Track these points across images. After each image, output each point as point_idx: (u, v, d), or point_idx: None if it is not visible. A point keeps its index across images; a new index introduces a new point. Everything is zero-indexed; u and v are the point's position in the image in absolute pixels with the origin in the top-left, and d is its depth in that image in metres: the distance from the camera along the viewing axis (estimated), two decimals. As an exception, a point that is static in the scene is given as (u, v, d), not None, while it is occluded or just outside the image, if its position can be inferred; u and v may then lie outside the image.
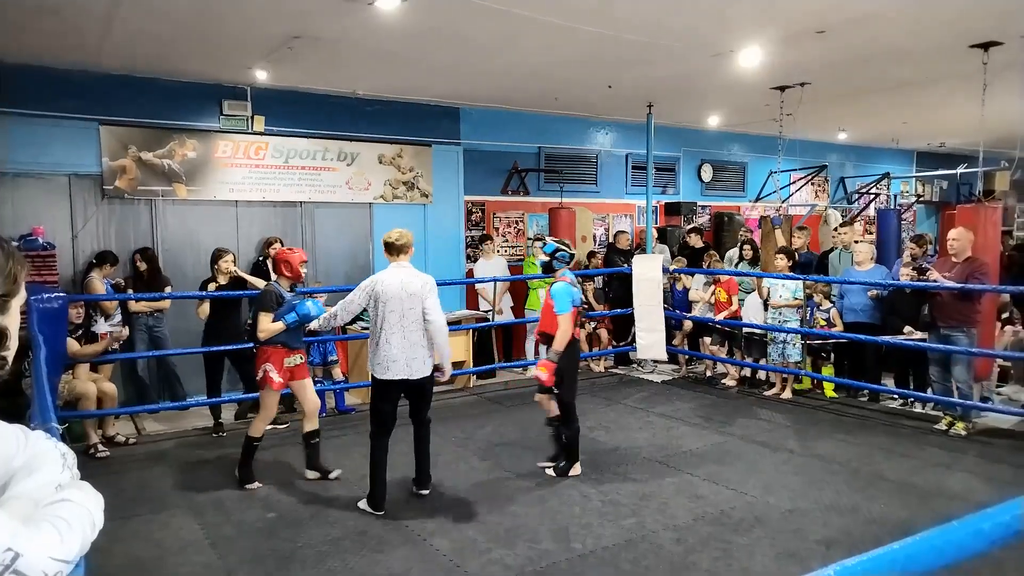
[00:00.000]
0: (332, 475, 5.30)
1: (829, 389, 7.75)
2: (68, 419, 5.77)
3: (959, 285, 6.04)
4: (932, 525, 1.30)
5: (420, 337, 4.64)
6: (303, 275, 5.30)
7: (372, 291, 4.65)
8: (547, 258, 5.38)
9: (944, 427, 6.43)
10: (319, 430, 5.35)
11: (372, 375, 4.70)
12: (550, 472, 5.35)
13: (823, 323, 7.45)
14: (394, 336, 4.57)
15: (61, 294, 5.52)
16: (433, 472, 5.39)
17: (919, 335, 6.63)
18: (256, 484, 5.15)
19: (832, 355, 7.86)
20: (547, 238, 5.69)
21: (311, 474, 5.34)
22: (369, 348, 4.75)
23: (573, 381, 5.37)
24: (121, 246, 7.24)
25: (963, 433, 6.21)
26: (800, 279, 7.50)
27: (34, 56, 6.47)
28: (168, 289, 7.08)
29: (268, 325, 4.97)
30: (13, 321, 1.32)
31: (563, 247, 5.41)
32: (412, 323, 4.60)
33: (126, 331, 6.56)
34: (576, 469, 5.32)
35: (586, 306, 7.04)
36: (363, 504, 4.71)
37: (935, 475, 5.31)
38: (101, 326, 6.64)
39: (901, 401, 7.27)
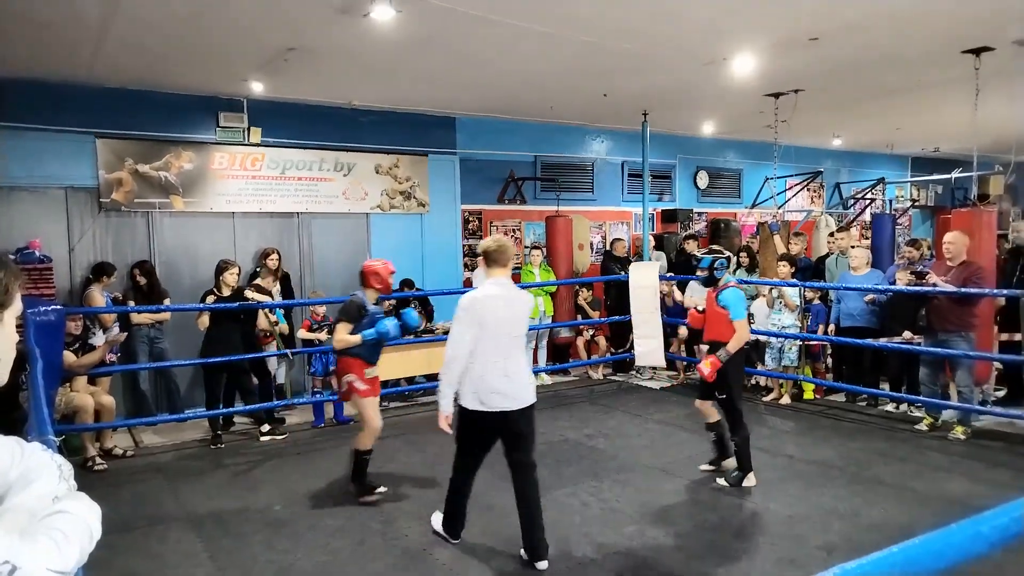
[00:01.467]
0: (377, 491, 5.11)
1: (809, 391, 7.78)
2: (65, 432, 5.75)
3: (960, 289, 6.05)
4: (932, 529, 1.30)
5: (523, 361, 4.10)
6: (391, 286, 5.18)
7: (475, 314, 3.94)
8: (706, 272, 5.24)
9: (925, 427, 6.47)
10: (372, 450, 5.13)
11: (460, 404, 4.04)
12: (721, 480, 5.20)
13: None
14: (494, 365, 3.94)
15: (58, 307, 5.51)
16: (432, 481, 5.39)
17: (914, 338, 6.65)
18: (383, 489, 5.07)
19: (829, 358, 7.87)
20: (697, 252, 5.57)
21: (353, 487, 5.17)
22: (451, 383, 4.07)
23: (740, 387, 5.32)
24: (118, 259, 7.23)
25: (962, 437, 6.21)
26: (799, 285, 7.51)
27: (29, 70, 6.48)
28: (167, 302, 7.08)
29: (345, 336, 4.85)
30: (8, 333, 1.32)
31: (717, 254, 5.29)
32: (516, 348, 4.04)
33: (123, 335, 6.53)
34: (751, 479, 5.11)
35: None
36: (437, 525, 4.38)
37: (934, 479, 5.30)
38: (99, 339, 6.64)
39: (894, 405, 7.27)
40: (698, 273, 5.42)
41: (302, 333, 7.24)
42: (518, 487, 4.07)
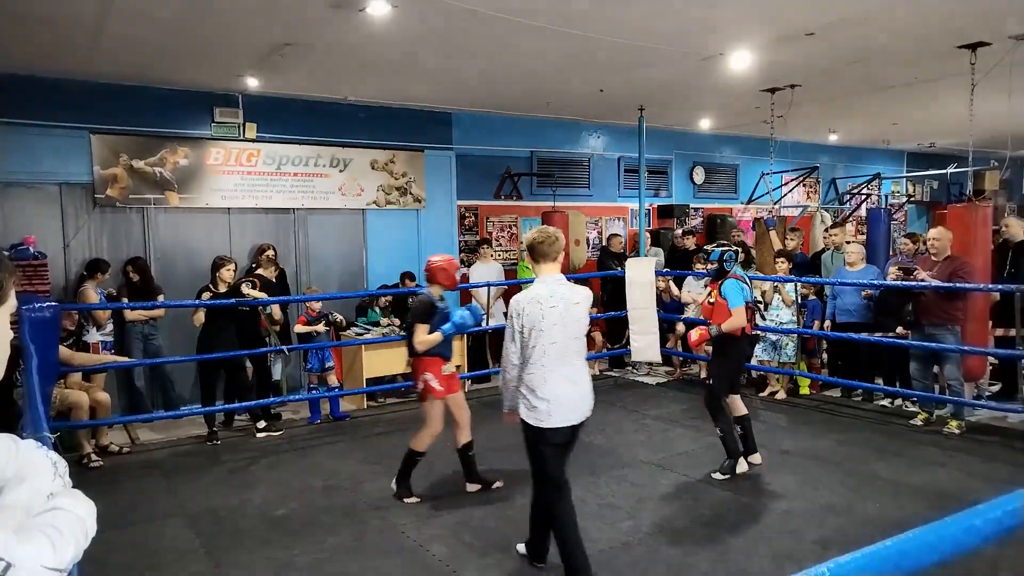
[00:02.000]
0: (495, 485, 5.13)
1: (804, 386, 7.80)
2: (61, 429, 5.74)
3: (948, 284, 6.09)
4: (927, 523, 1.31)
5: (584, 367, 3.73)
6: (458, 281, 5.15)
7: (527, 318, 3.56)
8: (716, 265, 5.33)
9: (920, 422, 6.51)
10: (473, 442, 5.11)
11: (526, 422, 3.64)
12: (717, 474, 5.25)
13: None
14: (554, 373, 3.56)
15: (53, 303, 5.50)
16: (428, 478, 5.40)
17: (906, 333, 6.68)
18: (415, 499, 4.94)
19: (824, 354, 7.90)
20: (708, 246, 5.63)
21: (471, 487, 5.12)
22: (508, 384, 3.71)
23: (727, 378, 5.37)
24: (113, 255, 7.22)
25: (957, 431, 6.24)
26: (795, 281, 7.53)
27: (24, 65, 6.45)
28: (161, 298, 7.07)
29: (426, 336, 4.76)
30: (2, 330, 1.31)
31: (726, 247, 5.36)
32: (576, 353, 3.66)
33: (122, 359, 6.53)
34: (743, 465, 5.25)
35: (760, 303, 6.95)
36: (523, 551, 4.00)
37: (929, 473, 5.32)
38: (92, 335, 6.63)
39: (889, 400, 7.29)
40: (709, 267, 5.45)
41: (299, 327, 7.22)
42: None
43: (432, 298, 4.90)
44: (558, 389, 3.56)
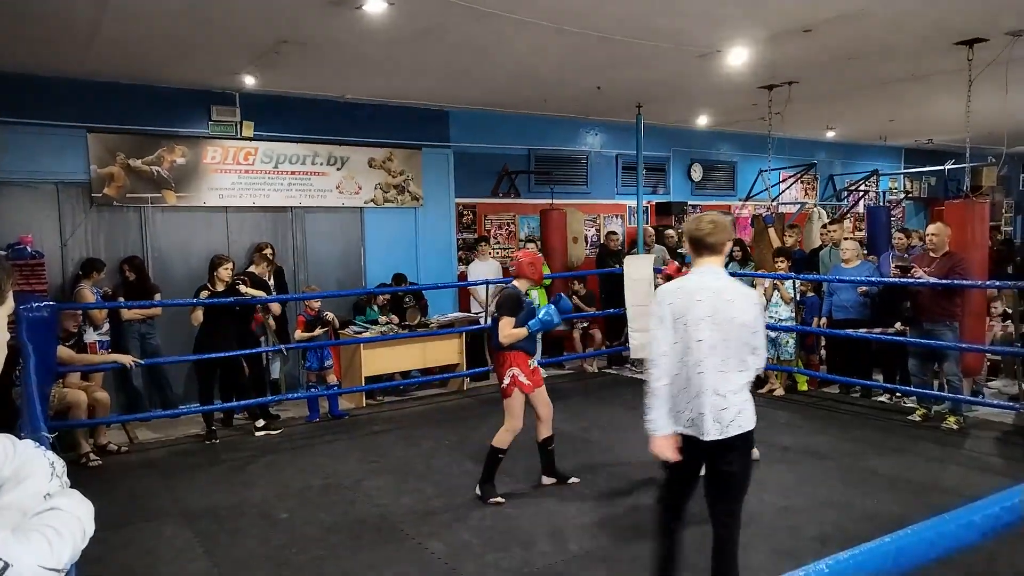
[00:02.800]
0: (570, 480, 5.13)
1: (803, 383, 7.81)
2: (59, 428, 5.73)
3: (944, 281, 6.09)
4: (926, 519, 1.31)
5: (740, 376, 3.11)
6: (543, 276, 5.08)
7: (674, 310, 3.10)
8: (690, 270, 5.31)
9: (918, 418, 6.53)
10: (553, 436, 5.10)
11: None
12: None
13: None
14: (702, 375, 3.05)
15: (50, 303, 5.49)
16: (427, 475, 5.41)
17: (905, 330, 6.69)
18: (501, 499, 4.81)
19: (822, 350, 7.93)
20: (681, 250, 5.61)
21: (548, 480, 5.13)
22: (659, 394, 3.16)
23: None
24: (110, 254, 7.20)
25: (955, 427, 6.25)
26: (793, 278, 7.53)
27: (20, 64, 6.43)
28: (158, 297, 7.06)
29: (512, 330, 4.74)
30: (0, 331, 1.31)
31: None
32: (732, 357, 3.07)
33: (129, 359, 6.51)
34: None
35: None
36: None
37: (928, 469, 5.33)
38: (89, 335, 6.62)
39: (888, 396, 7.30)
40: (683, 270, 5.42)
41: (298, 334, 7.18)
42: (716, 531, 3.37)
43: (520, 292, 4.90)
44: (700, 396, 3.09)
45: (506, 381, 4.82)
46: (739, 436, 3.13)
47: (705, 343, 3.03)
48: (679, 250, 9.35)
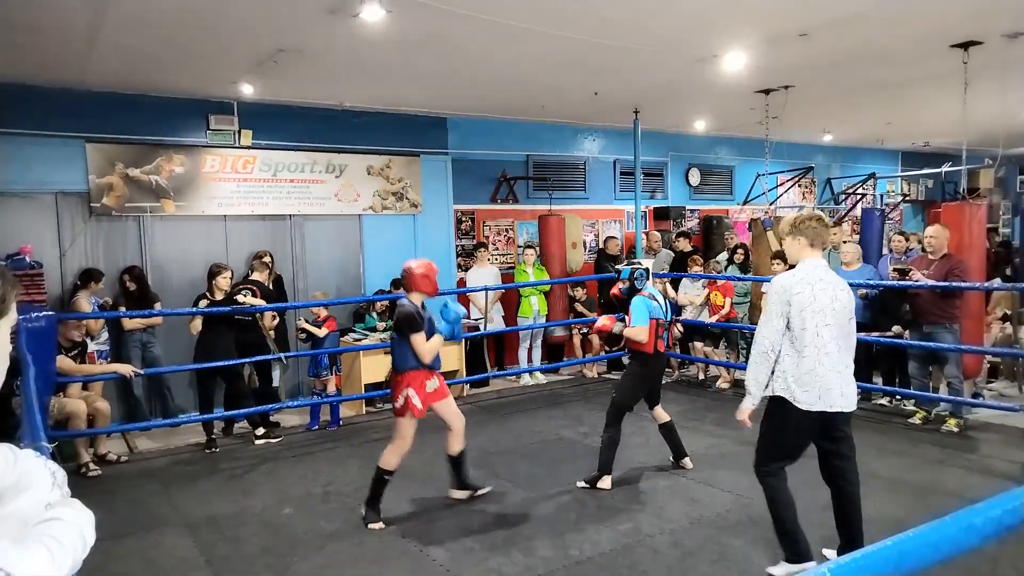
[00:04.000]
0: (481, 491, 5.04)
1: None
2: (59, 438, 5.73)
3: (943, 284, 6.10)
4: (926, 522, 1.31)
5: (851, 357, 3.71)
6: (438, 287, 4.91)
7: (794, 299, 3.54)
8: (627, 284, 5.29)
9: (918, 421, 6.52)
10: (465, 450, 4.99)
11: (786, 399, 3.66)
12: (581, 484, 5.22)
13: None
14: (828, 357, 3.56)
15: (50, 313, 5.49)
16: (428, 482, 5.39)
17: (904, 332, 6.69)
18: (381, 525, 4.61)
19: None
20: (619, 266, 5.61)
21: (458, 494, 5.02)
22: (781, 365, 3.65)
23: (634, 394, 5.28)
24: (109, 263, 7.21)
25: (955, 430, 6.25)
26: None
27: (17, 74, 6.44)
28: (158, 306, 7.06)
29: (428, 344, 4.56)
30: (3, 342, 1.32)
31: (635, 265, 5.36)
32: (846, 339, 3.64)
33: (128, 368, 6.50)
34: (605, 482, 5.13)
35: (674, 319, 6.71)
36: (779, 571, 3.80)
37: (928, 472, 5.33)
38: (88, 346, 6.61)
39: (888, 399, 7.30)
40: (619, 285, 5.41)
41: (301, 323, 7.23)
42: (844, 490, 3.95)
43: (415, 307, 4.66)
44: (830, 375, 3.58)
45: (399, 402, 4.63)
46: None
47: (831, 328, 3.56)
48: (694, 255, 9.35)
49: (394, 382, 4.71)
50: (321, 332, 7.18)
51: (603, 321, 5.46)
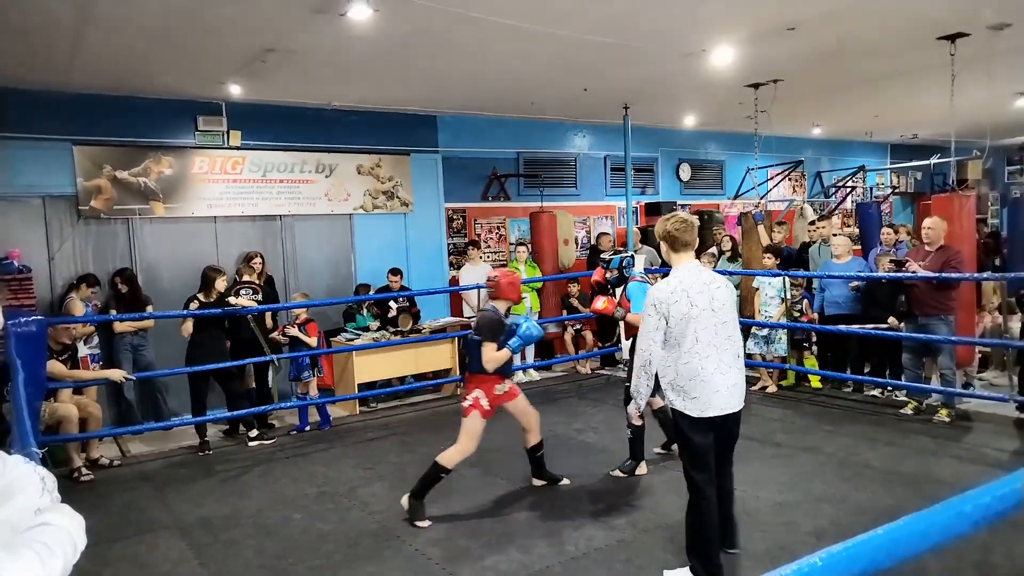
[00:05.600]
0: (562, 482, 5.20)
1: (815, 380, 7.81)
2: (49, 443, 5.69)
3: (938, 275, 6.12)
4: (919, 511, 1.31)
5: (735, 357, 3.59)
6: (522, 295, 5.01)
7: (672, 308, 3.47)
8: (617, 272, 5.30)
9: (910, 411, 6.56)
10: (542, 442, 5.12)
11: (681, 412, 3.55)
12: (617, 472, 5.32)
13: (796, 314, 7.54)
14: (709, 360, 3.47)
15: (39, 318, 5.46)
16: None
17: (899, 324, 6.72)
18: (428, 522, 4.60)
19: (815, 346, 7.94)
20: (605, 255, 5.61)
21: (538, 482, 5.19)
22: (646, 379, 3.60)
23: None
24: (99, 266, 7.17)
25: (947, 420, 6.29)
26: (783, 275, 7.56)
27: (3, 78, 6.39)
28: (149, 309, 7.02)
29: (496, 355, 4.62)
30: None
31: (623, 253, 5.37)
32: (725, 339, 3.52)
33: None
34: (642, 468, 5.29)
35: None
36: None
37: (921, 462, 5.36)
38: (80, 349, 6.58)
39: (880, 390, 7.33)
40: (607, 275, 5.42)
41: (274, 335, 7.11)
42: (723, 486, 3.74)
43: (500, 315, 4.77)
44: (715, 378, 3.47)
45: (467, 402, 4.72)
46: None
47: (709, 331, 3.48)
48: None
49: (466, 380, 4.87)
50: (312, 341, 7.14)
51: (603, 303, 5.29)
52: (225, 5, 4.93)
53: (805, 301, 7.56)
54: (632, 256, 5.45)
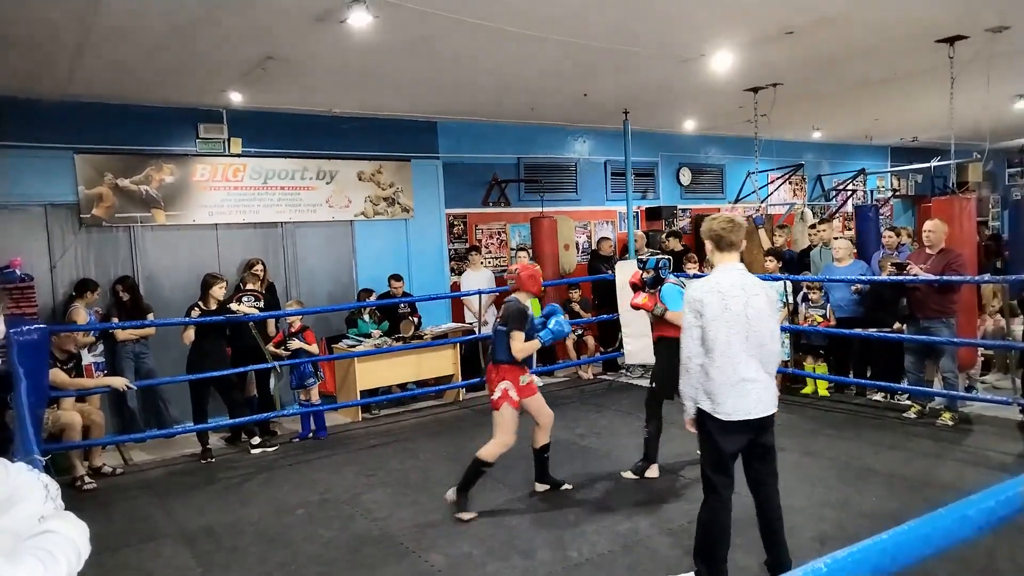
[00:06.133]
0: (563, 487, 5.21)
1: (823, 388, 7.73)
2: (52, 451, 5.69)
3: (940, 278, 6.12)
4: (923, 515, 1.31)
5: (766, 365, 3.52)
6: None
7: (705, 308, 3.46)
8: (653, 273, 5.31)
9: (913, 415, 6.54)
10: (550, 444, 5.19)
11: (709, 414, 3.50)
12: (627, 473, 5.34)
13: (819, 319, 7.49)
14: (739, 365, 3.41)
15: (41, 326, 5.46)
16: (425, 487, 5.38)
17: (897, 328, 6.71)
18: (474, 514, 4.73)
19: (826, 353, 7.90)
20: (644, 254, 5.65)
21: (540, 487, 5.19)
22: (692, 379, 3.53)
23: (674, 376, 5.34)
24: (101, 274, 7.17)
25: (950, 423, 6.27)
26: (787, 279, 7.55)
27: (4, 87, 6.41)
28: (151, 317, 7.03)
29: (524, 344, 4.74)
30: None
31: (660, 255, 5.40)
32: (757, 346, 3.44)
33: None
34: (653, 471, 5.29)
35: None
36: None
37: (925, 466, 5.35)
38: (84, 357, 6.59)
39: (883, 394, 7.32)
40: (644, 275, 5.44)
41: (269, 347, 7.08)
42: (764, 496, 3.70)
43: (525, 305, 4.87)
44: (747, 383, 3.42)
45: (496, 395, 4.81)
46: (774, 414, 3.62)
47: (740, 334, 3.42)
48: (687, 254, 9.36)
49: (490, 372, 4.91)
50: (314, 348, 7.16)
51: (643, 299, 5.29)
52: (225, 14, 4.95)
53: (829, 307, 7.49)
54: (668, 259, 5.46)
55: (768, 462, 3.64)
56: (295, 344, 7.05)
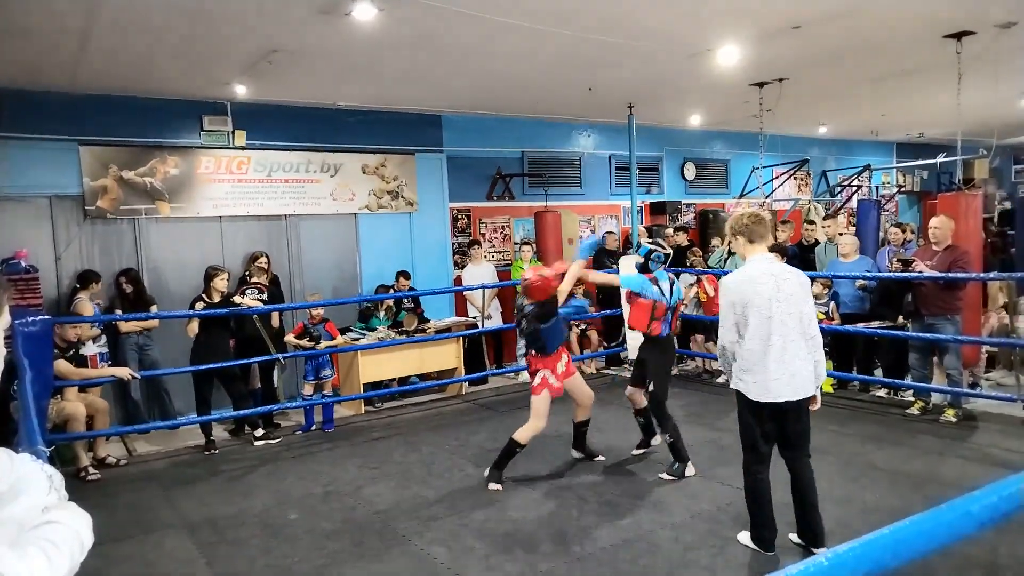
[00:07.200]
0: (597, 458, 5.60)
1: (826, 384, 7.71)
2: (57, 442, 5.72)
3: (946, 275, 6.10)
4: (925, 511, 1.31)
5: (800, 348, 3.72)
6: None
7: (738, 297, 3.74)
8: (642, 260, 5.37)
9: (917, 411, 6.53)
10: (589, 420, 5.59)
11: (742, 393, 3.81)
12: (664, 475, 5.31)
13: (821, 316, 7.46)
14: (772, 348, 3.66)
15: (46, 317, 5.48)
16: (428, 480, 5.40)
17: (906, 324, 6.69)
18: (499, 487, 5.13)
19: (830, 349, 7.88)
20: (642, 240, 5.75)
21: (576, 453, 5.65)
22: (728, 361, 3.88)
23: (668, 375, 5.51)
24: (105, 266, 7.19)
25: (953, 420, 6.26)
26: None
27: (9, 79, 6.42)
28: (154, 309, 7.05)
29: (599, 276, 5.39)
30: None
31: (657, 247, 5.41)
32: (791, 330, 3.67)
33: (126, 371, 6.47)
34: (691, 469, 5.27)
35: (684, 304, 6.26)
36: (745, 539, 4.04)
37: (927, 462, 5.34)
38: (90, 348, 6.61)
39: (886, 390, 7.30)
40: (636, 260, 5.52)
41: (289, 338, 7.15)
42: (798, 474, 3.89)
43: (538, 301, 5.14)
44: (776, 367, 3.67)
45: (536, 381, 5.16)
46: (810, 397, 3.87)
47: (774, 319, 3.70)
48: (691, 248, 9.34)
49: (531, 363, 5.26)
50: (340, 339, 7.28)
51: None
52: (230, 6, 4.94)
53: (832, 304, 7.47)
54: (665, 254, 5.46)
55: (800, 442, 3.88)
56: (324, 342, 7.13)
